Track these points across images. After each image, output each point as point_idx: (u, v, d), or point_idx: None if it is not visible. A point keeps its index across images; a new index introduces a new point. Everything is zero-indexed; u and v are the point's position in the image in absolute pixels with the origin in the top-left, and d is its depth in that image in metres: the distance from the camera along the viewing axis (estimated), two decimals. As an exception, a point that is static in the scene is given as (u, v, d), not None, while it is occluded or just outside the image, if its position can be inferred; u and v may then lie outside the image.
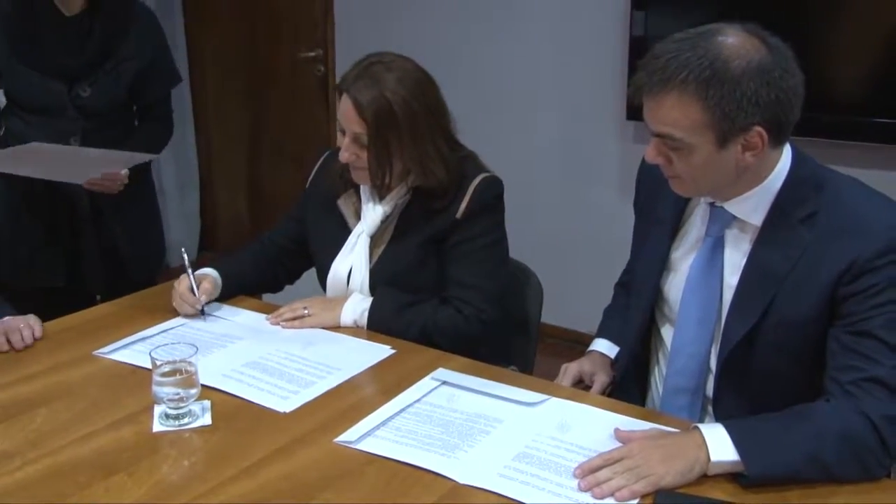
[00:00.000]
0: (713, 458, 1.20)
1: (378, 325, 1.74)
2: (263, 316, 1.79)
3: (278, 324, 1.76)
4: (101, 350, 1.64)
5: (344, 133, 1.70)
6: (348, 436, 1.34)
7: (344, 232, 1.83)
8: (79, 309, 1.87)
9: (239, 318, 1.79)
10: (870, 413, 1.22)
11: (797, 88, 1.29)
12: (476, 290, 1.73)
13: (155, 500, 1.19)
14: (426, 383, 1.51)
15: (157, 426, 1.38)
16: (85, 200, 2.26)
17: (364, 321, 1.75)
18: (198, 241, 4.50)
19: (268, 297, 2.02)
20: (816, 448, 1.20)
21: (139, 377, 1.52)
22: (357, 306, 1.76)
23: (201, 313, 1.78)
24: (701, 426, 1.25)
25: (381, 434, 1.36)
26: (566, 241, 3.48)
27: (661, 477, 1.19)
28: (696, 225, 1.48)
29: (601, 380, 1.62)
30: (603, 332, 1.74)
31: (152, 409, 1.41)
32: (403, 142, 1.67)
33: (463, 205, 1.72)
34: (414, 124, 1.67)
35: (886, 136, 2.68)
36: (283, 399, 1.46)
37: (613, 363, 1.67)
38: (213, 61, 4.29)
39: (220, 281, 1.84)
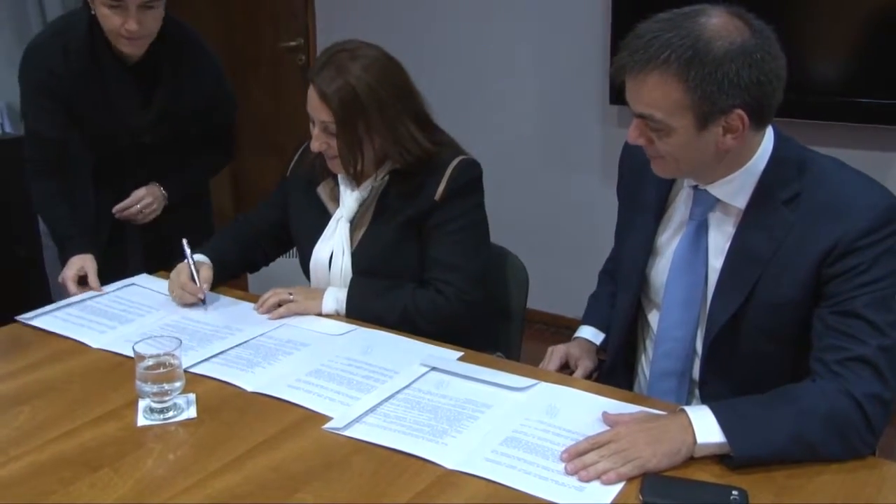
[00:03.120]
0: (699, 440, 1.20)
1: (357, 312, 1.74)
2: (330, 321, 1.73)
3: (266, 313, 1.75)
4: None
5: (314, 123, 1.71)
6: (336, 423, 1.34)
7: (324, 218, 1.85)
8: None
9: (304, 324, 1.73)
10: (855, 392, 1.22)
11: (779, 72, 1.29)
12: (456, 271, 1.73)
13: (140, 494, 1.18)
14: (415, 369, 1.51)
15: (142, 420, 1.37)
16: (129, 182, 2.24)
17: (343, 308, 1.75)
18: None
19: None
20: (802, 428, 1.20)
21: (123, 372, 1.51)
22: (338, 294, 1.77)
23: (202, 302, 1.78)
24: (687, 408, 1.25)
25: (370, 420, 1.35)
26: (550, 226, 3.48)
27: (648, 460, 1.19)
28: (679, 209, 1.48)
29: (585, 365, 1.62)
30: (588, 319, 1.74)
31: (137, 403, 1.40)
32: (372, 128, 1.68)
33: (441, 187, 1.73)
34: (382, 110, 1.67)
35: (869, 117, 2.70)
36: (345, 406, 1.39)
37: (599, 350, 1.67)
38: (193, 52, 4.24)
39: (211, 266, 1.86)
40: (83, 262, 1.98)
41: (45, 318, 1.75)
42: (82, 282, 1.95)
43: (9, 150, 3.28)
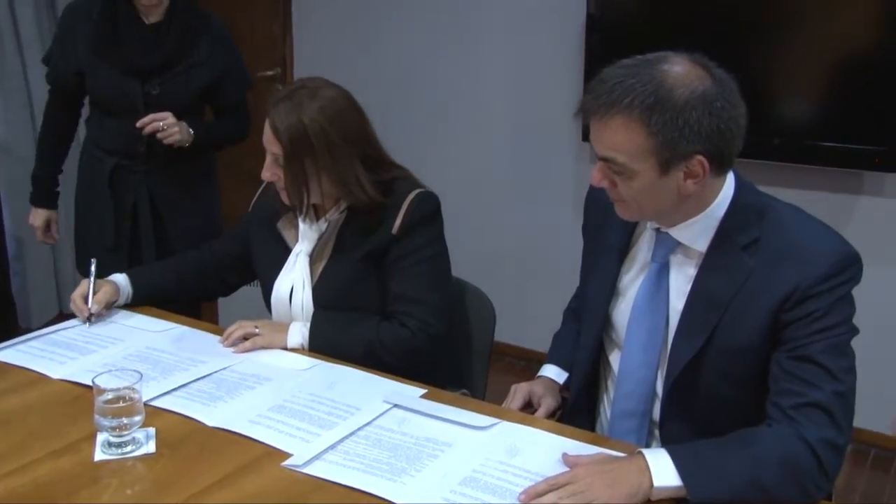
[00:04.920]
0: (656, 483, 1.21)
1: (321, 346, 1.74)
2: (294, 356, 1.73)
3: (231, 346, 1.75)
4: None
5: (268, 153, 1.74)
6: (296, 460, 1.33)
7: (285, 252, 1.86)
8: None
9: (268, 358, 1.72)
10: (809, 438, 1.24)
11: (739, 120, 1.31)
12: (419, 304, 1.74)
13: (93, 531, 1.17)
14: (378, 406, 1.51)
15: (99, 455, 1.35)
16: (144, 196, 2.43)
17: (307, 343, 1.75)
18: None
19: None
20: (757, 473, 1.22)
21: (82, 403, 1.49)
22: (304, 328, 1.77)
23: (88, 320, 1.84)
24: (645, 451, 1.26)
25: (330, 458, 1.35)
26: (521, 260, 3.50)
27: (605, 502, 1.19)
28: (642, 250, 1.50)
29: (548, 403, 1.62)
30: (552, 359, 1.74)
31: (95, 437, 1.39)
32: (320, 167, 1.71)
33: (398, 221, 1.74)
34: (331, 151, 1.70)
35: (835, 160, 2.74)
36: (306, 443, 1.39)
37: (562, 388, 1.68)
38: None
39: (126, 288, 1.91)
40: (48, 216, 2.50)
41: (7, 352, 1.73)
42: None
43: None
